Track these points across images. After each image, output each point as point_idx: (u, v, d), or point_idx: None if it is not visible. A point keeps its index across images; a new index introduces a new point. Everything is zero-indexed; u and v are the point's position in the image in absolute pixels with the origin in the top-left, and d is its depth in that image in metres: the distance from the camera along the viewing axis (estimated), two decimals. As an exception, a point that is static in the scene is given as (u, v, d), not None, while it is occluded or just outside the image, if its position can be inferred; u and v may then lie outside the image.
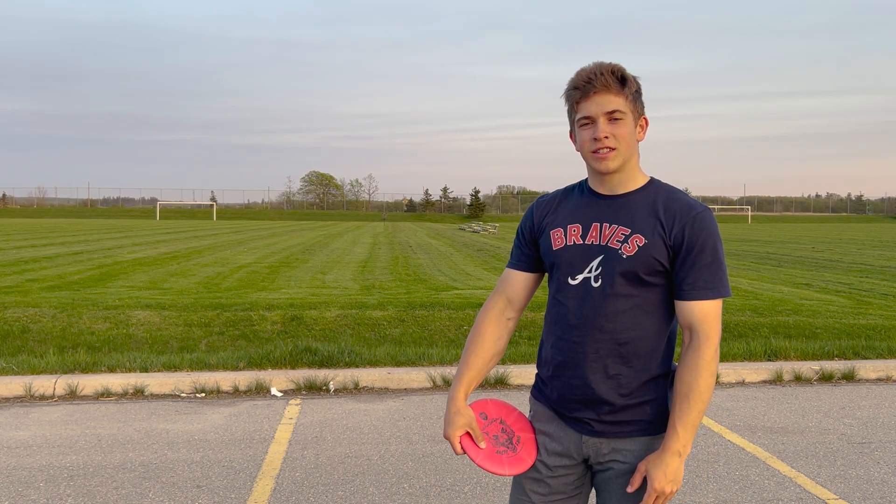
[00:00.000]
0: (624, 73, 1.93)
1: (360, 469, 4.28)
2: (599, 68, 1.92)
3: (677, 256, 1.91)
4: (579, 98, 1.93)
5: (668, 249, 1.91)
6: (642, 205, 1.95)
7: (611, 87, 1.90)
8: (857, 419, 5.39)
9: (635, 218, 1.93)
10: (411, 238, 34.97)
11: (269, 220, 72.95)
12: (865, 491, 4.00)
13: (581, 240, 1.98)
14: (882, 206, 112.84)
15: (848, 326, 8.66)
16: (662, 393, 1.97)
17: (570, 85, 1.96)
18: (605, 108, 1.89)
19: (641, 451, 1.96)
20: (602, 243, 1.95)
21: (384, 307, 9.29)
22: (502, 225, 66.99)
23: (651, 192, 1.97)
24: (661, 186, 2.00)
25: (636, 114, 1.95)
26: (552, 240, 2.02)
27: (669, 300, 1.96)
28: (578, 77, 1.94)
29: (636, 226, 1.92)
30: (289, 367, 6.45)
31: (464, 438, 2.01)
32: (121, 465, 4.31)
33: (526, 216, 2.14)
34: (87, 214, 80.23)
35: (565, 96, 1.99)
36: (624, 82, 1.91)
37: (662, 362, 1.97)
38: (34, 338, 7.86)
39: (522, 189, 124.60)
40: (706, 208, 1.95)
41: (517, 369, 6.38)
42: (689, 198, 1.98)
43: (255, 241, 29.16)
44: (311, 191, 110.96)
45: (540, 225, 2.08)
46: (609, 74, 1.91)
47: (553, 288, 2.05)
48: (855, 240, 36.12)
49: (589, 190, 2.04)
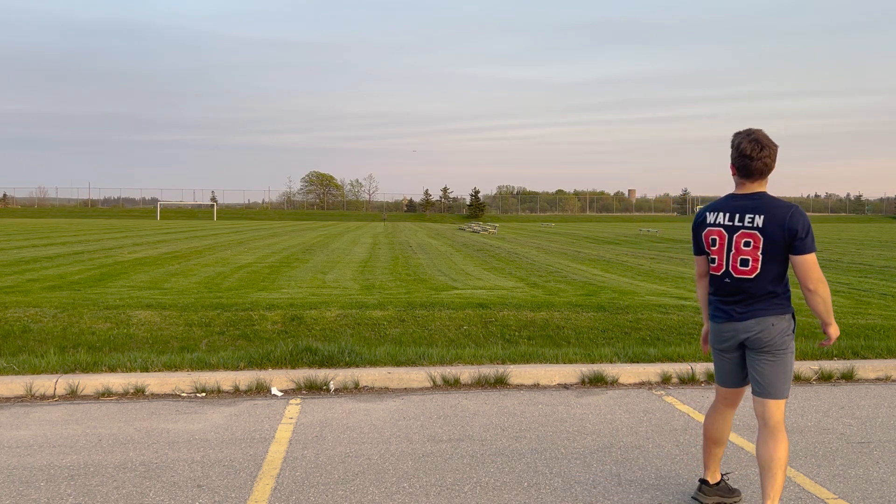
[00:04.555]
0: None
1: (361, 468, 4.29)
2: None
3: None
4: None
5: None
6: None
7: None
8: (857, 419, 5.40)
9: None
10: (411, 238, 34.96)
11: (270, 220, 72.92)
12: (865, 490, 4.01)
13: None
14: (881, 206, 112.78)
15: (847, 326, 8.67)
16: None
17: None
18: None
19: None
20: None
21: (384, 307, 9.29)
22: (502, 225, 66.95)
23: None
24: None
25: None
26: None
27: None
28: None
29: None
30: (289, 367, 6.46)
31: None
32: (121, 464, 4.32)
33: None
34: (88, 214, 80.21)
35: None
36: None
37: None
38: (35, 337, 7.86)
39: (522, 189, 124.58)
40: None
41: (517, 369, 6.39)
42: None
43: (255, 241, 29.16)
44: (311, 191, 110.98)
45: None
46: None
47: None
48: (854, 240, 36.11)
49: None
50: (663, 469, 4.31)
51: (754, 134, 3.38)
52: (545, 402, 5.79)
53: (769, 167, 3.39)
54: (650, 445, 4.74)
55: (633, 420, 5.30)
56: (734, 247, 3.42)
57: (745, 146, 3.36)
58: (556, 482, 4.09)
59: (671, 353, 7.03)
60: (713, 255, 3.52)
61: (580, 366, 6.52)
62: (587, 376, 6.39)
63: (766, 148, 3.35)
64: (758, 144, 3.35)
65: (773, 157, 3.39)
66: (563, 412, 5.49)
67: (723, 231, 3.46)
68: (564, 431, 5.02)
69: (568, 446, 4.71)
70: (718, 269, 3.51)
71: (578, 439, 4.85)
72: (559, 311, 9.26)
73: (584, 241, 36.18)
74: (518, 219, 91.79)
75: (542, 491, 3.97)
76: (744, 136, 3.40)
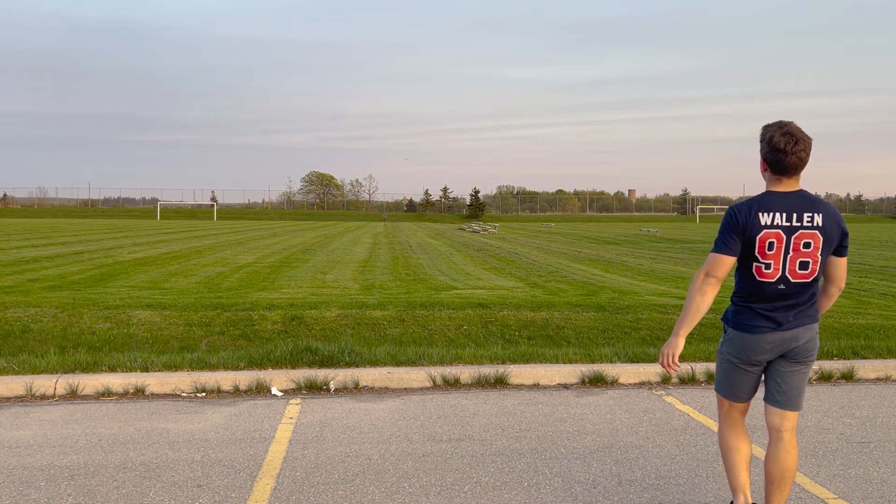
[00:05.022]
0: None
1: (361, 468, 4.29)
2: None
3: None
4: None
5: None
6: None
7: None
8: (856, 419, 5.40)
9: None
10: (411, 238, 34.96)
11: (270, 220, 72.93)
12: (864, 490, 4.01)
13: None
14: (881, 206, 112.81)
15: (847, 326, 8.67)
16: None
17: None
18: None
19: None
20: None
21: (384, 307, 9.29)
22: (502, 225, 66.95)
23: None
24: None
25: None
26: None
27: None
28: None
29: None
30: (289, 367, 6.46)
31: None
32: (121, 464, 4.32)
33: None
34: (88, 214, 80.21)
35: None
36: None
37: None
38: (35, 337, 7.86)
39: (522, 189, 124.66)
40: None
41: (517, 369, 6.39)
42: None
43: (255, 241, 29.17)
44: (311, 191, 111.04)
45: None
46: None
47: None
48: (854, 240, 36.10)
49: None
50: (663, 469, 4.31)
51: (787, 126, 3.10)
52: (545, 402, 5.79)
53: (804, 162, 3.10)
54: (650, 445, 4.74)
55: (633, 420, 5.30)
56: (792, 249, 3.10)
57: (778, 140, 3.07)
58: (556, 482, 4.09)
59: (671, 353, 7.02)
60: (767, 259, 3.12)
61: (580, 366, 6.52)
62: (587, 376, 6.39)
63: (800, 141, 3.07)
64: (792, 138, 3.06)
65: (808, 152, 3.09)
66: (563, 412, 5.49)
67: (781, 233, 3.09)
68: (564, 431, 5.02)
69: (568, 446, 4.71)
70: (773, 275, 3.13)
71: (578, 439, 4.85)
72: (559, 310, 9.26)
73: (584, 240, 36.19)
74: (518, 219, 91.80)
75: (542, 491, 3.97)
76: (776, 129, 3.10)
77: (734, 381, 3.35)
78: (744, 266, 3.20)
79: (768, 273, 3.13)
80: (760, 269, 3.13)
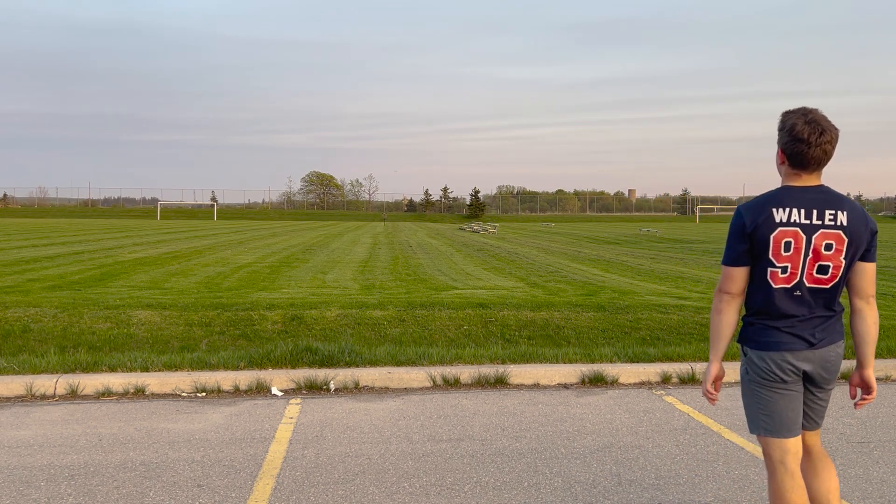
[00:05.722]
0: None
1: (361, 468, 4.29)
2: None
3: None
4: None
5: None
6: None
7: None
8: (856, 418, 5.40)
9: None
10: (411, 238, 34.96)
11: (270, 220, 72.95)
12: (864, 490, 4.01)
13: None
14: (881, 206, 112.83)
15: (847, 326, 8.66)
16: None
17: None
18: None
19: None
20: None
21: (384, 307, 9.30)
22: (502, 225, 66.97)
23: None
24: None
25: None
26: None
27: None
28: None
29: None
30: (289, 367, 6.46)
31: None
32: (121, 464, 4.32)
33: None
34: (88, 214, 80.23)
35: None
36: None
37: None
38: (35, 337, 7.87)
39: (522, 189, 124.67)
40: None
41: (517, 369, 6.39)
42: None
43: (255, 240, 29.17)
44: (311, 191, 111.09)
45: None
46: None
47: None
48: (855, 240, 36.06)
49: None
50: (663, 469, 4.31)
51: (812, 114, 2.69)
52: (545, 401, 5.79)
53: (828, 156, 2.69)
54: (650, 445, 4.74)
55: (633, 420, 5.30)
56: (812, 250, 2.68)
57: (801, 129, 2.66)
58: (556, 482, 4.09)
59: (671, 352, 7.03)
60: (783, 262, 2.70)
61: (580, 366, 6.52)
62: (587, 376, 6.39)
63: (826, 132, 2.66)
64: (817, 127, 2.65)
65: (834, 144, 2.69)
66: (563, 412, 5.50)
67: (799, 232, 2.68)
68: (564, 431, 5.02)
69: (568, 446, 4.71)
70: (789, 280, 2.71)
71: (578, 439, 4.85)
72: (559, 310, 9.26)
73: (584, 240, 36.18)
74: (518, 219, 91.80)
75: (542, 491, 3.97)
76: (799, 117, 2.70)
77: (773, 406, 2.79)
78: (756, 272, 2.76)
79: (784, 278, 2.71)
80: (776, 275, 2.71)
